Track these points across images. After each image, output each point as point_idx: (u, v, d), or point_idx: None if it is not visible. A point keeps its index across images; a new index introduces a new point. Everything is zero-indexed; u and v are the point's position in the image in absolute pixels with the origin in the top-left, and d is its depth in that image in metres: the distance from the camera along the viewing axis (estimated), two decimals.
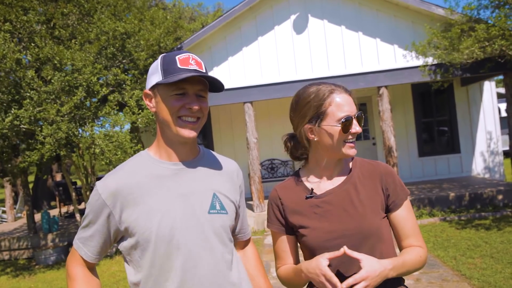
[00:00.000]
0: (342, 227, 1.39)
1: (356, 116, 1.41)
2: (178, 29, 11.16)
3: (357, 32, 8.73)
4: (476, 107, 10.24)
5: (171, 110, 1.24)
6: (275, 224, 1.53)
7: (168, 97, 1.24)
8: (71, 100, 6.23)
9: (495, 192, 8.05)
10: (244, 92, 8.58)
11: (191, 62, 1.26)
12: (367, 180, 1.46)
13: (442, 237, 6.42)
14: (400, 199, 1.44)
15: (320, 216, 1.43)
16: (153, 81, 1.27)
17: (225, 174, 1.41)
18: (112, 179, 1.26)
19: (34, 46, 6.50)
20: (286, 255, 1.53)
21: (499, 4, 6.63)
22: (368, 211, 1.40)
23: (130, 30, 7.21)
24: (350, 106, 1.41)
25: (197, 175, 1.34)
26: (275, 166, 10.46)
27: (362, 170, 1.48)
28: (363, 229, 1.38)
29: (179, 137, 1.28)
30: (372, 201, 1.42)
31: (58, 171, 16.43)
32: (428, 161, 10.31)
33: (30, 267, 7.78)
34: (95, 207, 1.27)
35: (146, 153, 1.35)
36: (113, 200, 1.24)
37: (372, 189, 1.44)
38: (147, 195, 1.25)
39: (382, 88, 8.24)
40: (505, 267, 4.87)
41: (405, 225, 1.43)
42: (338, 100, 1.41)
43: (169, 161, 1.32)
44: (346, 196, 1.43)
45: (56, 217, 8.99)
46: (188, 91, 1.26)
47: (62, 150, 6.57)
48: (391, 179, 1.45)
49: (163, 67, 1.25)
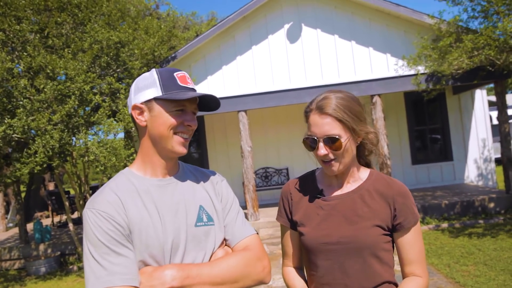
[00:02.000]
0: (339, 233, 1.40)
1: (323, 139, 1.39)
2: (172, 38, 11.20)
3: (350, 41, 8.82)
4: (468, 115, 10.34)
5: (171, 125, 1.25)
6: (283, 217, 1.58)
7: (169, 112, 1.25)
8: (63, 109, 6.21)
9: (487, 200, 8.11)
10: (238, 100, 8.60)
11: (188, 81, 1.29)
12: (377, 195, 1.44)
13: (436, 245, 6.44)
14: (407, 222, 1.41)
15: (321, 218, 1.45)
16: (149, 95, 1.26)
17: (208, 185, 1.41)
18: (103, 198, 1.24)
19: (27, 55, 6.48)
20: (291, 251, 1.57)
21: (487, 15, 6.72)
22: (368, 224, 1.40)
23: (124, 39, 7.22)
24: (317, 127, 1.40)
25: (181, 189, 1.34)
26: (269, 175, 10.45)
27: (376, 184, 1.47)
28: (358, 239, 1.38)
29: (173, 152, 1.29)
30: (376, 215, 1.41)
31: (50, 180, 16.30)
32: (421, 169, 10.37)
33: (21, 278, 7.67)
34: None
35: (129, 171, 1.34)
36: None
37: (380, 205, 1.43)
38: (137, 214, 1.23)
39: (375, 97, 8.30)
40: (498, 274, 4.89)
41: (409, 250, 1.42)
42: (309, 118, 1.44)
43: (154, 177, 1.32)
44: (351, 205, 1.44)
45: (48, 226, 8.90)
46: (187, 108, 1.29)
47: (54, 160, 6.53)
48: (403, 200, 1.42)
49: (162, 83, 1.26)
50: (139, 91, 1.29)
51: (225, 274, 1.23)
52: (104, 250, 1.16)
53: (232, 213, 1.40)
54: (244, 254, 1.31)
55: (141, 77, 1.33)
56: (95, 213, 1.19)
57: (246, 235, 1.37)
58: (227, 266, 1.25)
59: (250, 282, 1.28)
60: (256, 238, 1.37)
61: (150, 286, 1.15)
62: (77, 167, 8.58)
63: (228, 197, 1.43)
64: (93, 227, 1.18)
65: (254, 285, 1.30)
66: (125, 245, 1.18)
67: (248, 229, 1.40)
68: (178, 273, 1.18)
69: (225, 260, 1.27)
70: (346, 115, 1.38)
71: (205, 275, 1.20)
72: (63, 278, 7.24)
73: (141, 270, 1.19)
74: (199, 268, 1.21)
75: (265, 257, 1.34)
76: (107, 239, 1.16)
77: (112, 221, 1.18)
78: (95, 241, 1.17)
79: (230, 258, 1.28)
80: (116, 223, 1.18)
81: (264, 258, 1.33)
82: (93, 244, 1.17)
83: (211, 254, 1.31)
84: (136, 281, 1.16)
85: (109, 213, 1.19)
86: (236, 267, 1.26)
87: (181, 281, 1.17)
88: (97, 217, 1.18)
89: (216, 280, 1.21)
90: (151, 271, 1.18)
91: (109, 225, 1.18)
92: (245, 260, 1.28)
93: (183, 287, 1.17)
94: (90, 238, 1.17)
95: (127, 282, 1.14)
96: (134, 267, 1.17)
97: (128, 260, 1.17)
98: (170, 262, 1.23)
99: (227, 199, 1.42)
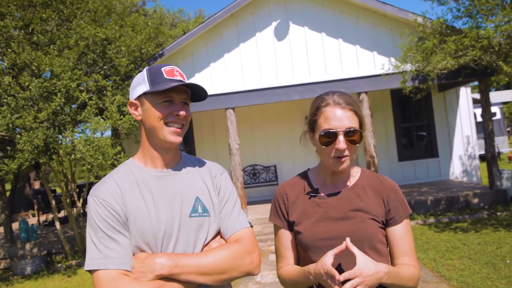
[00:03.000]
0: (338, 229, 1.44)
1: (344, 132, 1.40)
2: (159, 35, 11.11)
3: (337, 39, 8.87)
4: (453, 112, 10.50)
5: (159, 116, 1.33)
6: (281, 219, 1.57)
7: (156, 105, 1.33)
8: (49, 107, 6.13)
9: (472, 195, 8.26)
10: (226, 98, 8.60)
11: (176, 74, 1.37)
12: (371, 191, 1.50)
13: (422, 240, 6.54)
14: (399, 216, 1.47)
15: (319, 215, 1.48)
16: (140, 91, 1.36)
17: (207, 177, 1.46)
18: (104, 187, 1.32)
19: (11, 51, 6.37)
20: (287, 252, 1.56)
21: (471, 14, 6.81)
22: (366, 218, 1.44)
23: (110, 36, 7.15)
24: (338, 121, 1.40)
25: (179, 180, 1.39)
26: (258, 172, 10.47)
27: (369, 181, 1.53)
28: (358, 233, 1.41)
29: (166, 142, 1.35)
30: (371, 210, 1.46)
31: (36, 178, 16.07)
32: (407, 166, 10.50)
33: (7, 278, 7.57)
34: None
35: (131, 161, 1.42)
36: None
37: (374, 200, 1.48)
38: (134, 203, 1.31)
39: (362, 94, 8.37)
40: (482, 268, 5.00)
41: (402, 243, 1.47)
42: (326, 113, 1.43)
43: (154, 168, 1.39)
44: (348, 201, 1.48)
45: (34, 225, 8.78)
46: (175, 99, 1.35)
47: (41, 158, 6.44)
48: (395, 195, 1.50)
49: (150, 78, 1.35)
50: (133, 89, 1.40)
51: (213, 265, 1.29)
52: (101, 235, 1.26)
53: (228, 206, 1.45)
54: (234, 246, 1.35)
55: (136, 76, 1.43)
56: (96, 200, 1.29)
57: (239, 228, 1.42)
58: (215, 258, 1.30)
59: (238, 274, 1.33)
60: (248, 231, 1.42)
61: (141, 272, 1.24)
62: (64, 165, 8.48)
63: (225, 190, 1.47)
64: (93, 213, 1.28)
65: (242, 276, 1.35)
66: (120, 232, 1.27)
67: (242, 222, 1.44)
68: (167, 261, 1.25)
69: (214, 252, 1.32)
70: (360, 111, 1.46)
71: (192, 265, 1.26)
72: (50, 277, 7.16)
73: (135, 256, 1.28)
74: (187, 258, 1.27)
75: (255, 250, 1.38)
76: (105, 225, 1.26)
77: (110, 209, 1.28)
78: (94, 226, 1.27)
79: (219, 250, 1.33)
80: (114, 211, 1.28)
81: (254, 251, 1.38)
82: (93, 228, 1.28)
83: (203, 245, 1.36)
84: (127, 265, 1.25)
85: (108, 201, 1.28)
86: (224, 258, 1.31)
87: (169, 269, 1.24)
88: (97, 204, 1.28)
89: (203, 270, 1.27)
90: (144, 257, 1.26)
91: (107, 212, 1.27)
92: (234, 253, 1.33)
93: (171, 275, 1.25)
94: (90, 222, 1.29)
95: (119, 266, 1.23)
96: (127, 252, 1.26)
97: (122, 245, 1.26)
98: (162, 249, 1.30)
99: (224, 192, 1.47)
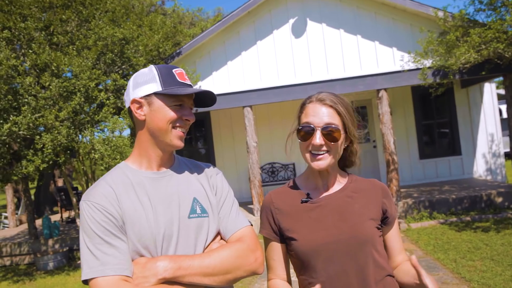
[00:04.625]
0: (337, 232, 1.37)
1: (322, 128, 1.36)
2: (177, 34, 11.20)
3: (355, 35, 8.73)
4: (476, 109, 10.20)
5: (170, 119, 1.29)
6: (267, 229, 1.51)
7: (169, 107, 1.29)
8: (69, 106, 6.25)
9: (496, 194, 8.01)
10: (243, 96, 8.59)
11: (186, 77, 1.35)
12: (363, 193, 1.47)
13: (442, 240, 6.39)
14: (393, 217, 1.49)
15: (314, 220, 1.41)
16: (148, 90, 1.30)
17: (203, 178, 1.43)
18: (97, 191, 1.27)
19: (32, 52, 6.53)
20: (277, 264, 1.50)
21: (495, 7, 6.59)
22: (365, 218, 1.40)
23: (128, 35, 7.23)
24: (317, 116, 1.37)
25: (176, 181, 1.36)
26: (276, 170, 10.44)
27: (358, 184, 1.50)
28: (359, 234, 1.36)
29: (171, 146, 1.33)
30: (368, 210, 1.42)
31: (60, 176, 16.49)
32: (429, 163, 10.27)
33: (30, 273, 7.78)
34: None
35: (124, 164, 1.37)
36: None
37: (369, 201, 1.45)
38: (130, 206, 1.26)
39: (382, 91, 8.22)
40: (505, 270, 4.84)
41: (396, 243, 1.50)
42: (308, 109, 1.41)
43: (149, 170, 1.35)
44: (342, 203, 1.42)
45: (57, 222, 9.00)
46: (185, 103, 1.33)
47: (60, 157, 6.59)
48: (389, 197, 1.50)
49: (162, 78, 1.30)
50: (138, 86, 1.33)
51: (216, 265, 1.25)
52: (97, 241, 1.19)
53: (226, 206, 1.42)
54: (237, 245, 1.32)
55: (139, 72, 1.36)
56: (90, 205, 1.23)
57: (240, 227, 1.39)
58: (219, 257, 1.27)
59: (242, 273, 1.29)
60: (249, 230, 1.39)
61: (143, 277, 1.19)
62: (85, 164, 8.66)
63: (222, 190, 1.45)
64: (87, 218, 1.21)
65: (247, 275, 1.31)
66: (118, 236, 1.22)
67: (241, 221, 1.41)
68: (169, 264, 1.21)
69: (217, 252, 1.29)
70: (345, 111, 1.39)
71: (196, 266, 1.23)
72: (70, 274, 7.32)
73: (135, 261, 1.23)
74: (190, 260, 1.24)
75: (258, 248, 1.35)
76: (101, 230, 1.20)
77: (105, 213, 1.22)
78: (90, 232, 1.20)
79: (222, 250, 1.30)
80: (110, 215, 1.22)
81: (257, 249, 1.34)
82: (88, 235, 1.20)
83: (204, 246, 1.33)
84: (127, 271, 1.19)
85: (103, 205, 1.23)
86: (228, 258, 1.27)
87: (173, 272, 1.20)
88: (92, 209, 1.22)
89: (207, 271, 1.23)
90: (144, 262, 1.22)
91: (103, 216, 1.21)
92: (237, 252, 1.30)
93: (175, 278, 1.21)
94: (85, 229, 1.21)
95: (118, 272, 1.17)
96: (126, 257, 1.21)
97: (120, 250, 1.20)
98: (162, 253, 1.26)
99: (221, 192, 1.44)
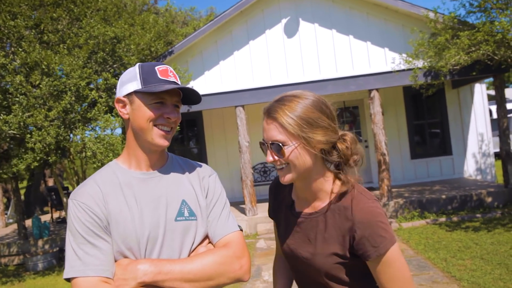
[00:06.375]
0: (300, 252, 1.38)
1: (269, 144, 1.28)
2: (169, 33, 11.15)
3: (348, 36, 8.77)
4: (467, 109, 10.30)
5: (149, 118, 1.26)
6: (269, 208, 1.60)
7: (147, 105, 1.26)
8: (59, 105, 6.19)
9: (486, 194, 8.09)
10: (235, 96, 8.58)
11: (170, 74, 1.30)
12: (334, 223, 1.31)
13: (433, 239, 6.43)
14: (367, 255, 1.24)
15: (289, 231, 1.44)
16: (130, 88, 1.28)
17: (195, 179, 1.40)
18: (84, 190, 1.26)
19: (22, 51, 6.46)
20: (278, 244, 1.60)
21: (485, 9, 6.65)
22: (325, 251, 1.31)
23: (120, 34, 7.18)
24: (265, 132, 1.30)
25: (165, 183, 1.33)
26: (268, 170, 10.45)
27: (335, 212, 1.32)
28: (315, 264, 1.34)
29: (153, 145, 1.29)
30: (332, 243, 1.31)
31: (51, 176, 16.34)
32: (420, 163, 10.34)
33: (20, 274, 7.70)
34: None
35: (115, 163, 1.35)
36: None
37: (338, 233, 1.30)
38: (116, 206, 1.24)
39: (373, 91, 8.26)
40: (494, 268, 4.88)
41: (377, 279, 1.27)
42: (263, 123, 1.34)
43: (138, 170, 1.33)
44: (314, 227, 1.36)
45: (47, 222, 8.91)
46: (167, 101, 1.29)
47: (51, 157, 6.52)
48: (362, 231, 1.24)
49: (142, 76, 1.27)
50: (122, 85, 1.31)
51: (199, 271, 1.22)
52: (81, 240, 1.19)
53: (217, 209, 1.38)
54: (222, 251, 1.28)
55: (126, 71, 1.35)
56: (76, 204, 1.22)
57: (228, 232, 1.34)
58: (202, 263, 1.23)
59: (226, 280, 1.25)
60: (237, 235, 1.34)
61: (123, 279, 1.17)
62: (75, 163, 8.58)
63: (214, 193, 1.40)
64: (73, 217, 1.21)
65: (230, 283, 1.27)
66: (101, 237, 1.20)
67: (230, 225, 1.36)
68: (150, 268, 1.18)
69: (201, 257, 1.25)
70: (293, 121, 1.23)
71: (177, 272, 1.20)
72: (60, 274, 7.26)
73: (118, 262, 1.21)
74: (171, 264, 1.21)
75: (245, 255, 1.31)
76: (84, 230, 1.19)
77: (90, 213, 1.20)
78: (74, 231, 1.20)
79: (206, 256, 1.26)
80: (94, 215, 1.21)
81: (243, 256, 1.30)
82: (73, 234, 1.20)
83: (190, 249, 1.30)
84: (108, 272, 1.18)
85: (88, 204, 1.21)
86: (211, 264, 1.24)
87: (153, 276, 1.18)
88: (77, 208, 1.21)
89: (188, 277, 1.20)
90: (126, 264, 1.20)
91: (87, 216, 1.20)
92: (221, 258, 1.26)
93: (155, 282, 1.18)
94: (70, 227, 1.21)
95: (99, 273, 1.16)
96: (108, 258, 1.19)
97: (103, 251, 1.19)
98: (146, 255, 1.24)
99: (212, 194, 1.40)
